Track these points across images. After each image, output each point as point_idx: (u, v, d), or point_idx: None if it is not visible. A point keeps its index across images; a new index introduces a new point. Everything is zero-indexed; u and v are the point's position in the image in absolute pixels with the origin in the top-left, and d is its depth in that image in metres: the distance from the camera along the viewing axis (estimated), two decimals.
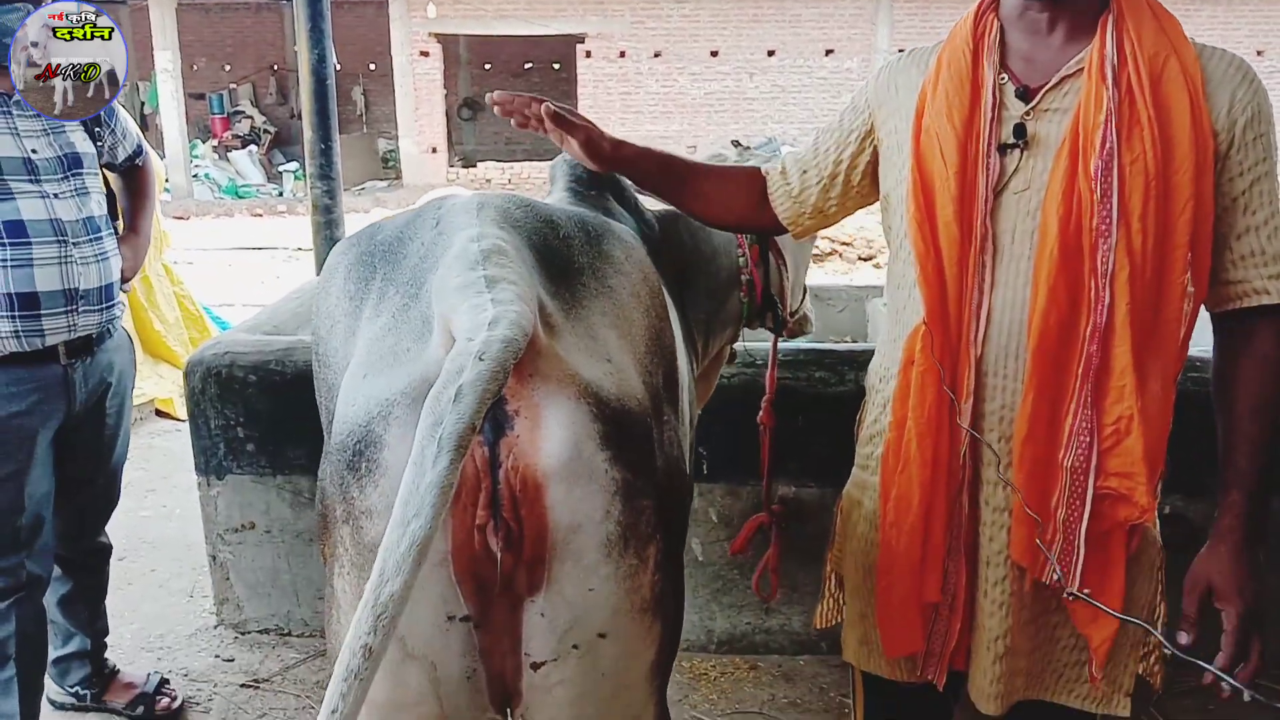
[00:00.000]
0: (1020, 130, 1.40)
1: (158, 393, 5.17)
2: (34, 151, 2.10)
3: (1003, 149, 1.41)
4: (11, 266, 2.07)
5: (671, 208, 1.85)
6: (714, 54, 16.69)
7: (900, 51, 1.67)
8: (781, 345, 2.52)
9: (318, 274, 4.02)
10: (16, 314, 2.09)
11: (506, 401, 1.07)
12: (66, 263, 2.14)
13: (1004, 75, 1.43)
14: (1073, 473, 1.38)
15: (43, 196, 2.10)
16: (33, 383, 2.16)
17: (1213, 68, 1.37)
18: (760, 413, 2.29)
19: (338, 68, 4.08)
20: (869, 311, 3.64)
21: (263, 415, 2.88)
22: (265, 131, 18.69)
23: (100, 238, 2.24)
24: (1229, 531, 1.40)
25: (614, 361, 1.19)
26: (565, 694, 1.15)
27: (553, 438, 1.07)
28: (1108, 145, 1.32)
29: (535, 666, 1.13)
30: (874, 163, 1.62)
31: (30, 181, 2.08)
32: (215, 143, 17.90)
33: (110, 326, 2.33)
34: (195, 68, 18.50)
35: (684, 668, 2.85)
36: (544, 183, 2.45)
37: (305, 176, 4.07)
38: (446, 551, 1.06)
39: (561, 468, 1.07)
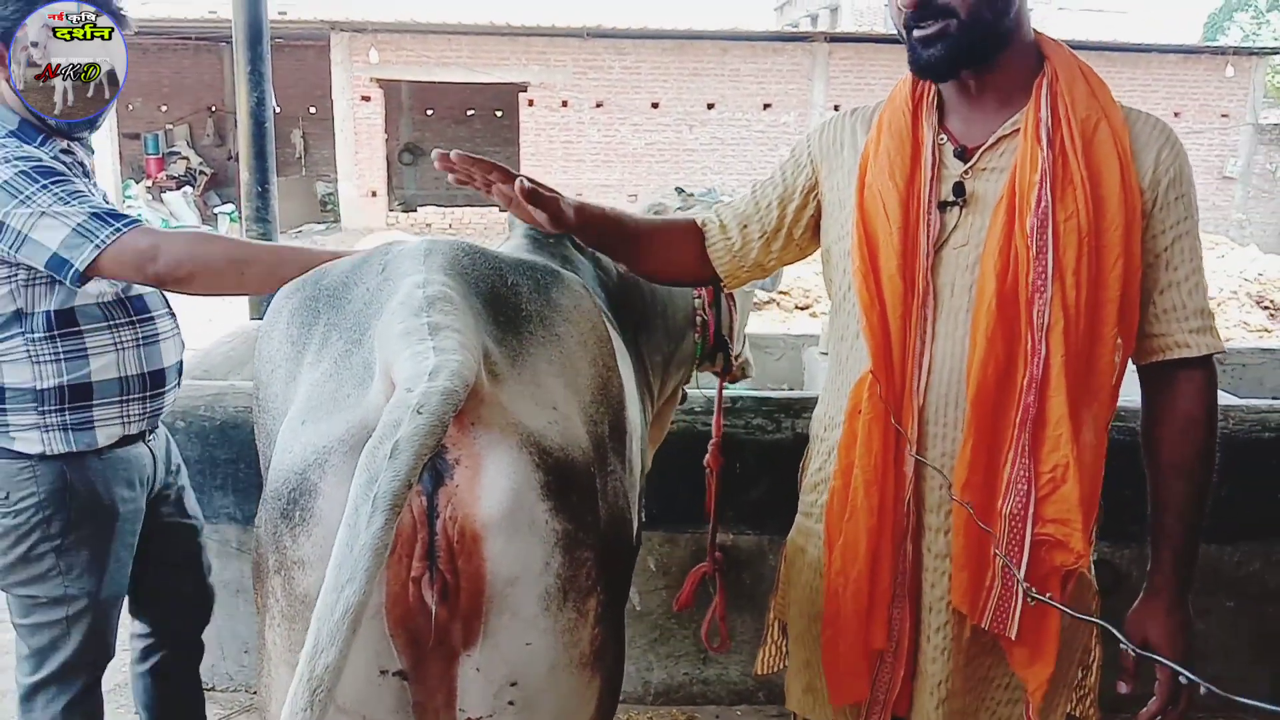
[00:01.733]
0: (959, 189, 1.44)
1: None
2: None
3: (943, 206, 1.45)
4: (143, 345, 1.99)
5: None
6: (655, 105, 16.96)
7: (836, 109, 1.71)
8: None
9: (251, 317, 3.96)
10: (148, 394, 2.00)
11: (447, 450, 1.05)
12: (176, 335, 2.09)
13: (943, 135, 1.48)
14: (1011, 519, 1.41)
15: None
16: (135, 465, 2.04)
17: (1139, 130, 1.44)
18: (707, 455, 2.30)
19: (278, 110, 4.06)
20: (805, 360, 3.69)
21: (190, 462, 2.79)
22: (201, 173, 18.44)
23: (173, 311, 2.14)
24: (1161, 588, 1.46)
25: (559, 410, 1.18)
26: None
27: (493, 487, 1.05)
28: (1043, 204, 1.37)
29: None
30: (816, 217, 1.66)
31: None
32: (149, 183, 17.59)
33: None
34: (130, 107, 18.22)
35: (620, 719, 2.81)
36: (484, 228, 2.46)
37: (240, 219, 4.02)
38: (380, 604, 1.03)
39: (501, 518, 1.05)
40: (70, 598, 1.95)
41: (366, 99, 16.66)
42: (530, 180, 1.42)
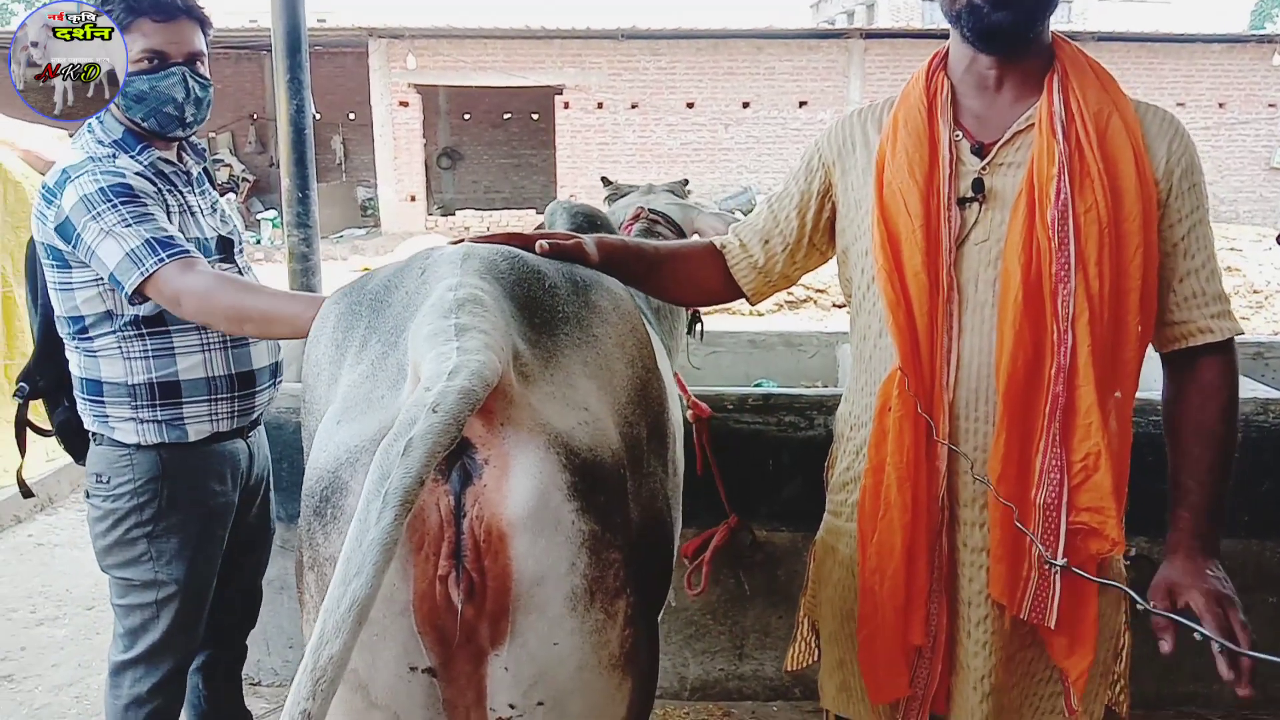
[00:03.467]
0: (978, 185, 1.46)
1: None
2: (214, 229, 2.11)
3: (962, 202, 1.47)
4: (232, 347, 2.05)
5: None
6: (690, 105, 16.95)
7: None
8: (752, 390, 2.56)
9: None
10: (236, 394, 2.07)
11: (477, 450, 1.06)
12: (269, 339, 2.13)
13: (958, 132, 1.50)
14: (1045, 509, 1.42)
15: (239, 272, 2.11)
16: (228, 461, 2.12)
17: (1149, 122, 1.46)
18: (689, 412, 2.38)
19: (318, 117, 4.13)
20: (839, 357, 3.67)
21: None
22: (244, 180, 18.73)
23: None
24: (1178, 543, 1.46)
25: (590, 411, 1.18)
26: None
27: (519, 487, 1.06)
28: (1062, 197, 1.38)
29: None
30: (832, 219, 1.67)
31: (223, 260, 2.08)
32: None
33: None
34: None
35: (657, 715, 2.82)
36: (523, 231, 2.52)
37: (283, 224, 4.09)
38: (408, 601, 1.05)
39: (527, 518, 1.06)
40: (160, 583, 2.04)
41: (404, 104, 16.83)
42: (548, 241, 1.45)
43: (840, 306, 10.02)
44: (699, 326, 2.85)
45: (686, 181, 3.26)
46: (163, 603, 2.04)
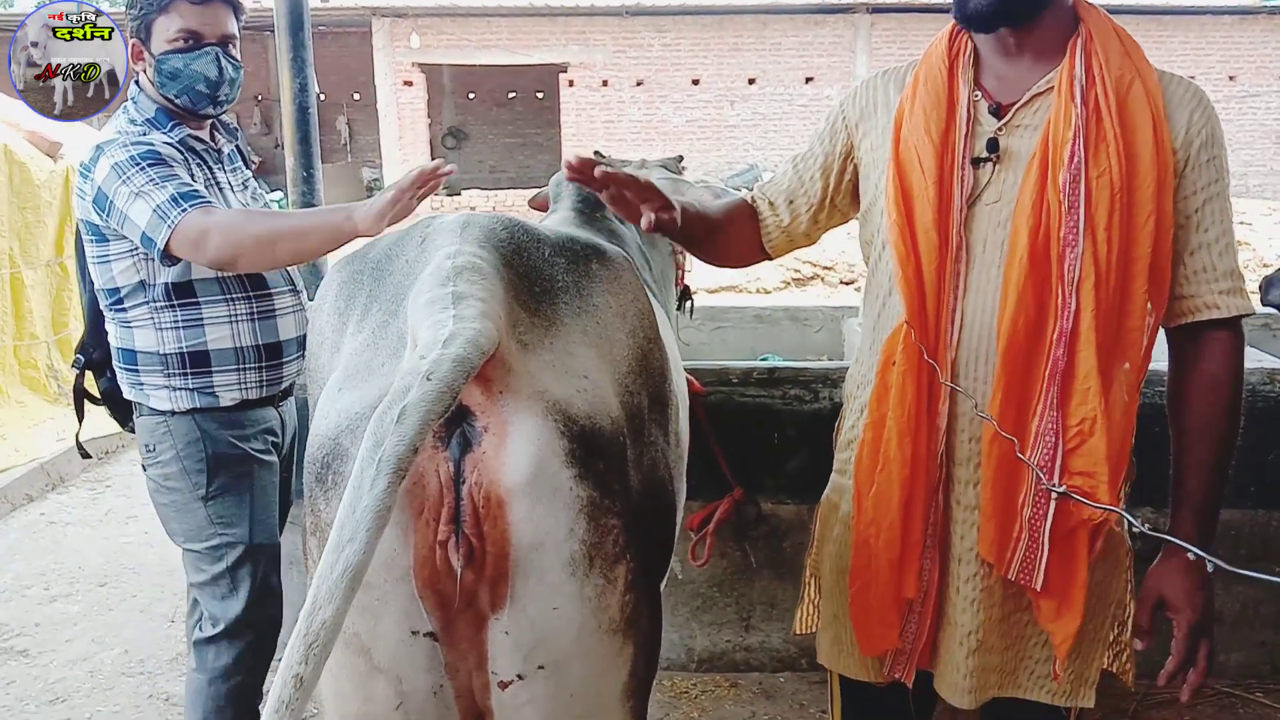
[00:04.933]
0: (993, 145, 1.45)
1: None
2: (245, 206, 2.16)
3: (976, 162, 1.46)
4: (259, 319, 2.10)
5: None
6: (695, 82, 16.85)
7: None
8: (757, 364, 2.56)
9: None
10: (264, 364, 2.12)
11: (475, 417, 1.07)
12: (298, 311, 2.19)
13: (977, 92, 1.49)
14: (1038, 470, 1.42)
15: None
16: (262, 424, 2.17)
17: (1172, 91, 1.44)
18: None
19: (322, 97, 4.12)
20: (845, 331, 3.67)
21: None
22: (249, 161, 18.70)
23: (298, 286, 2.26)
24: (1178, 549, 1.45)
25: (590, 379, 1.18)
26: (534, 713, 1.14)
27: (517, 454, 1.07)
28: (1075, 160, 1.38)
29: (503, 685, 1.12)
30: (854, 180, 1.67)
31: None
32: None
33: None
34: None
35: (664, 686, 2.84)
36: (528, 211, 2.51)
37: (288, 205, 4.09)
38: (409, 566, 1.06)
39: (524, 484, 1.06)
40: (227, 545, 2.09)
41: (409, 84, 16.76)
42: (652, 218, 1.43)
43: (848, 283, 10.00)
44: (689, 304, 2.87)
45: (681, 158, 3.25)
46: (235, 568, 2.09)
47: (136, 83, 2.08)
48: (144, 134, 2.00)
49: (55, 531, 4.22)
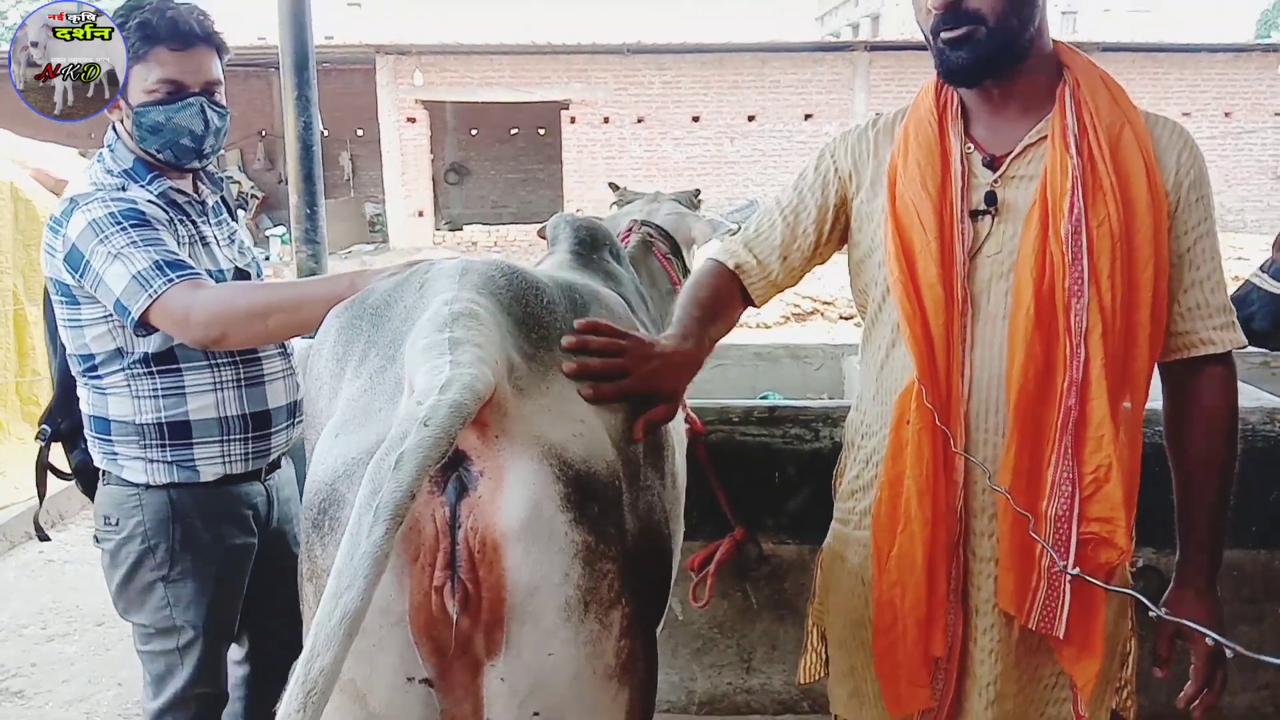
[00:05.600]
0: (991, 197, 1.46)
1: None
2: (230, 261, 2.02)
3: (974, 215, 1.47)
4: (246, 385, 1.96)
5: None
6: (695, 119, 17.01)
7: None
8: (758, 402, 2.56)
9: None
10: (251, 435, 1.97)
11: (472, 462, 1.07)
12: (289, 376, 2.05)
13: (969, 144, 1.50)
14: (1056, 520, 1.42)
15: None
16: (244, 502, 2.01)
17: (1159, 133, 1.46)
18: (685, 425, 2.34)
19: (325, 133, 4.15)
20: (845, 369, 3.67)
21: None
22: (253, 197, 18.83)
23: (288, 350, 2.11)
24: (1192, 578, 1.51)
25: (585, 424, 1.19)
26: None
27: (513, 499, 1.07)
28: (1075, 210, 1.39)
29: None
30: (845, 227, 1.67)
31: None
32: None
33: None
34: None
35: None
36: (529, 245, 2.52)
37: (291, 240, 4.11)
38: (404, 611, 1.05)
39: (520, 529, 1.06)
40: (179, 628, 1.95)
41: (412, 120, 16.93)
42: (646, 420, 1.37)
43: (847, 318, 10.01)
44: None
45: (698, 192, 3.23)
46: (184, 649, 1.97)
47: (114, 129, 1.93)
48: (122, 187, 1.86)
49: (53, 570, 4.20)
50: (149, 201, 1.86)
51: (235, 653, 2.22)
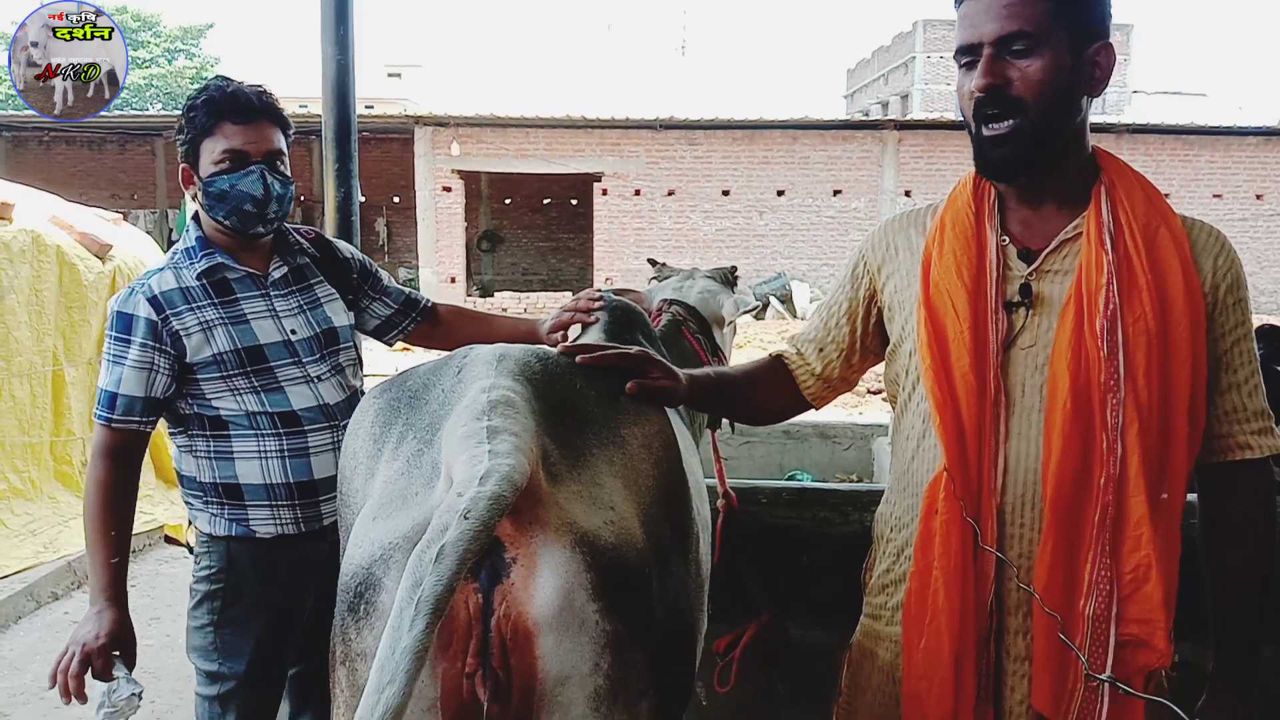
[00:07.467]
0: (1026, 290, 1.47)
1: (167, 518, 5.18)
2: (293, 332, 2.06)
3: (1009, 307, 1.47)
4: (289, 456, 2.02)
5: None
6: (725, 193, 17.22)
7: (908, 194, 1.75)
8: (786, 484, 2.54)
9: None
10: (297, 502, 2.04)
11: (505, 549, 1.07)
12: (332, 450, 2.05)
13: (1004, 237, 1.51)
14: (1094, 620, 1.39)
15: (307, 381, 2.04)
16: (303, 563, 2.06)
17: (1195, 235, 1.46)
18: (720, 512, 2.31)
19: (362, 199, 4.23)
20: (875, 450, 3.65)
21: None
22: None
23: (338, 423, 2.12)
24: (1225, 691, 1.47)
25: (616, 511, 1.19)
26: None
27: (545, 586, 1.07)
28: (1110, 306, 1.39)
29: None
30: (880, 322, 1.68)
31: (295, 365, 2.03)
32: None
33: None
34: None
35: None
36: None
37: None
38: (436, 698, 1.05)
39: (552, 617, 1.07)
40: (222, 676, 2.03)
41: (448, 189, 17.26)
42: (639, 382, 1.47)
43: (875, 393, 9.96)
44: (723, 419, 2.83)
45: (734, 269, 3.24)
46: (225, 698, 2.02)
47: (193, 208, 2.07)
48: (175, 266, 2.02)
49: None
50: (175, 288, 1.99)
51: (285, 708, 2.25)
